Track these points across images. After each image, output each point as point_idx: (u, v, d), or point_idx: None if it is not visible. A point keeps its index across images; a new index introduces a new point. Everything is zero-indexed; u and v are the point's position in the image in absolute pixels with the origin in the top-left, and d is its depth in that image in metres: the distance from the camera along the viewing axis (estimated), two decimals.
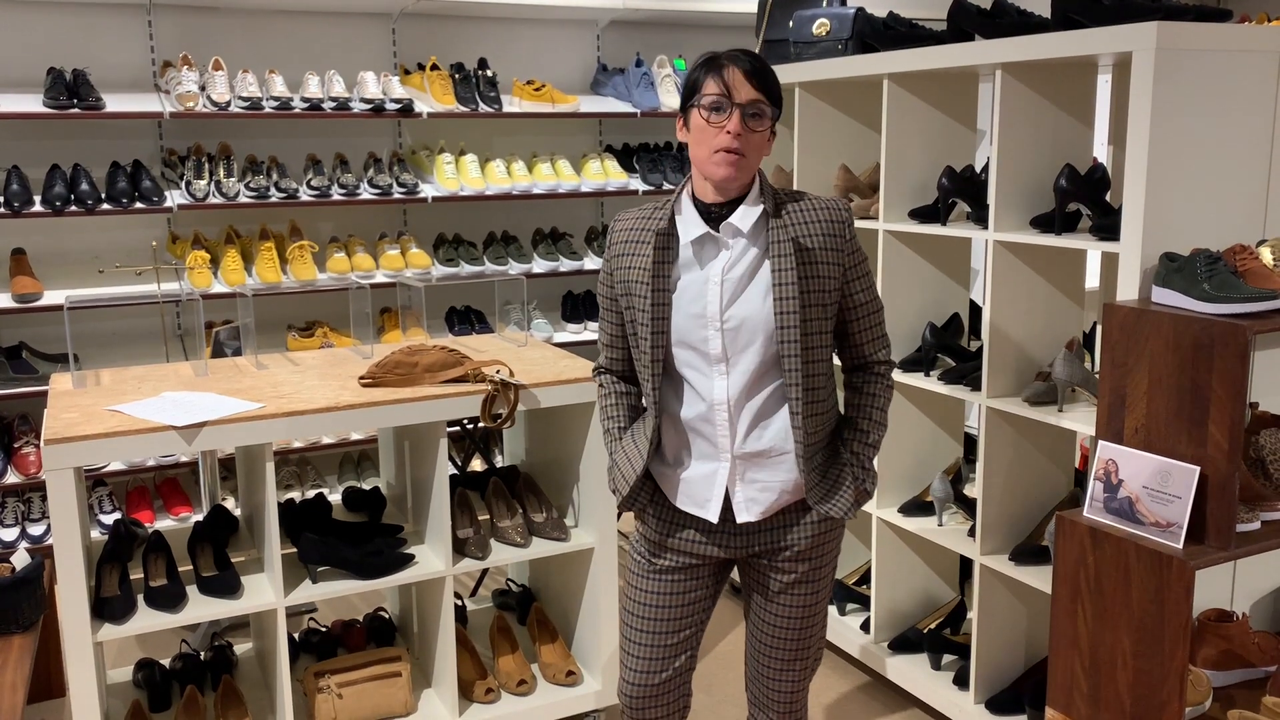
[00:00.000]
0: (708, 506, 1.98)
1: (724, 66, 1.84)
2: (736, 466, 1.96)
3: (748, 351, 1.91)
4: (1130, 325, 2.16)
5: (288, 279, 4.12)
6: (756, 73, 1.84)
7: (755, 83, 1.84)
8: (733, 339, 1.90)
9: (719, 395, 1.93)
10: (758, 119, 1.85)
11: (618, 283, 2.00)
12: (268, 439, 2.46)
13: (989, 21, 2.70)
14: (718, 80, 1.84)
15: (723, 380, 1.92)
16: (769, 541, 2.01)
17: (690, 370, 1.95)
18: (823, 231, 1.91)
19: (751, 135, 1.85)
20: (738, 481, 1.96)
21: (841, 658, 3.34)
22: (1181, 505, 2.04)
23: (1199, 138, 2.28)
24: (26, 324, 4.09)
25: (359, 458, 4.54)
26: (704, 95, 1.86)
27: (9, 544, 3.80)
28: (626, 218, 2.02)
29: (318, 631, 3.14)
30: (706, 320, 1.90)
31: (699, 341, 1.92)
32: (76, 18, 4.08)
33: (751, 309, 1.89)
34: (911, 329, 3.05)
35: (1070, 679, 2.24)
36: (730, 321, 1.90)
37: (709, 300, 1.90)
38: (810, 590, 2.05)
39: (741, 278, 1.90)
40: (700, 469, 1.98)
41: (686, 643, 2.10)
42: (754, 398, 1.93)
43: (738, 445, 1.94)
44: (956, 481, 3.02)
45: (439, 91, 4.33)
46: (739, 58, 1.85)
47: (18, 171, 3.84)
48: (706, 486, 1.98)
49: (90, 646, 2.36)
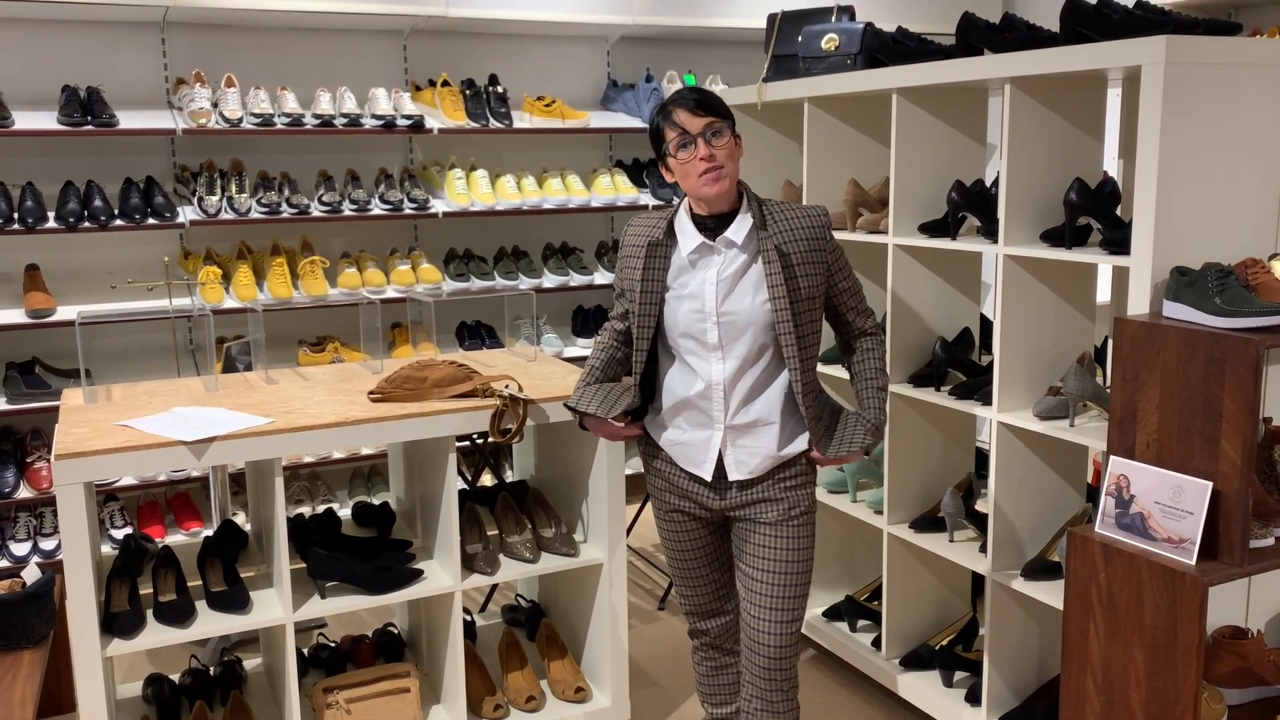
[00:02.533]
0: (702, 467, 2.31)
1: (673, 112, 2.16)
2: (728, 435, 2.27)
3: (740, 340, 2.22)
4: (1141, 340, 2.15)
5: (299, 294, 4.13)
6: (699, 104, 2.15)
7: (702, 112, 2.15)
8: (728, 330, 2.22)
9: (716, 376, 2.24)
10: (718, 135, 2.16)
11: (623, 279, 2.35)
12: (277, 454, 2.47)
13: (998, 36, 2.70)
14: (673, 125, 2.16)
15: (720, 364, 2.24)
16: (752, 495, 2.31)
17: (692, 356, 2.27)
18: (806, 236, 2.23)
19: (720, 149, 2.16)
20: (729, 446, 2.28)
21: (852, 674, 3.32)
22: (1194, 521, 2.03)
23: (1210, 151, 2.27)
24: (40, 339, 4.12)
25: (369, 473, 4.54)
26: (669, 141, 2.18)
27: (20, 558, 3.81)
28: (635, 225, 2.34)
29: (326, 647, 3.13)
30: (705, 315, 2.21)
31: (699, 333, 2.23)
32: (91, 36, 4.11)
33: (743, 305, 2.20)
34: (922, 344, 3.04)
35: (1083, 696, 2.22)
36: (725, 316, 2.21)
37: (706, 298, 2.21)
38: (787, 535, 2.29)
39: (734, 277, 2.21)
40: (697, 435, 2.30)
41: (713, 574, 2.47)
42: (744, 378, 2.25)
43: (730, 418, 2.26)
44: (967, 497, 3.00)
45: (450, 107, 4.35)
46: (682, 98, 2.16)
47: (32, 188, 3.87)
48: (702, 450, 2.30)
49: (100, 661, 2.36)
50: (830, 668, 3.37)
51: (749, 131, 3.62)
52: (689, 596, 2.51)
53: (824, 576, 3.47)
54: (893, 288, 2.97)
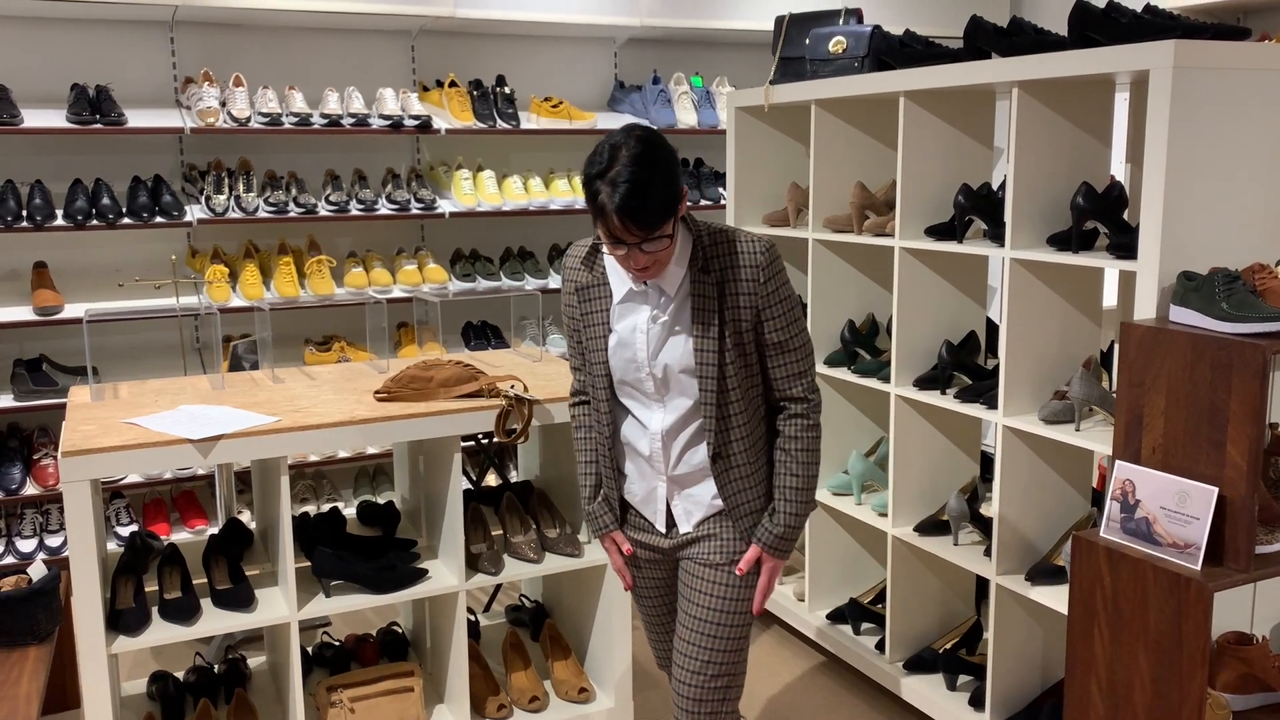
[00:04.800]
0: (656, 518, 2.19)
1: (606, 210, 1.87)
2: (671, 485, 2.15)
3: (679, 391, 2.07)
4: (1148, 344, 2.15)
5: (305, 293, 4.14)
6: (635, 221, 1.86)
7: (635, 225, 1.86)
8: (664, 382, 2.07)
9: (655, 426, 2.10)
10: (655, 241, 1.91)
11: (567, 309, 2.19)
12: (283, 453, 2.47)
13: (1006, 40, 2.70)
14: (606, 225, 1.90)
15: (660, 414, 2.10)
16: (700, 530, 2.17)
17: (631, 402, 2.14)
18: (743, 277, 2.02)
19: (656, 254, 1.93)
20: (675, 496, 2.16)
21: (856, 677, 3.32)
22: (1200, 526, 2.02)
23: (1217, 156, 2.27)
24: (47, 336, 4.13)
25: (374, 472, 4.55)
26: (599, 228, 1.92)
27: (27, 555, 3.82)
28: (571, 259, 2.16)
29: (331, 646, 3.14)
30: (640, 364, 2.07)
31: (636, 381, 2.10)
32: (100, 35, 4.12)
33: (677, 356, 2.04)
34: (928, 347, 3.04)
35: (1087, 701, 2.21)
36: (658, 368, 2.06)
37: (638, 348, 2.07)
38: (725, 588, 2.14)
39: (667, 326, 2.05)
40: (644, 485, 2.18)
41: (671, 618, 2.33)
42: (686, 429, 2.10)
43: (670, 468, 2.13)
44: (972, 500, 3.00)
45: (457, 108, 4.35)
46: (619, 204, 1.85)
47: (40, 186, 3.88)
48: (651, 500, 2.18)
49: (105, 658, 2.37)
50: (833, 671, 3.37)
51: (756, 134, 3.62)
52: (651, 640, 2.41)
53: (827, 579, 3.47)
54: (899, 290, 2.97)
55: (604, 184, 1.87)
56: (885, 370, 3.09)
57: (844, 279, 3.36)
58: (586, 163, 1.92)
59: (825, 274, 3.32)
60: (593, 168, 1.90)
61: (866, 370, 3.16)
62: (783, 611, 3.55)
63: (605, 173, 1.87)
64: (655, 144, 1.91)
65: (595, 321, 2.11)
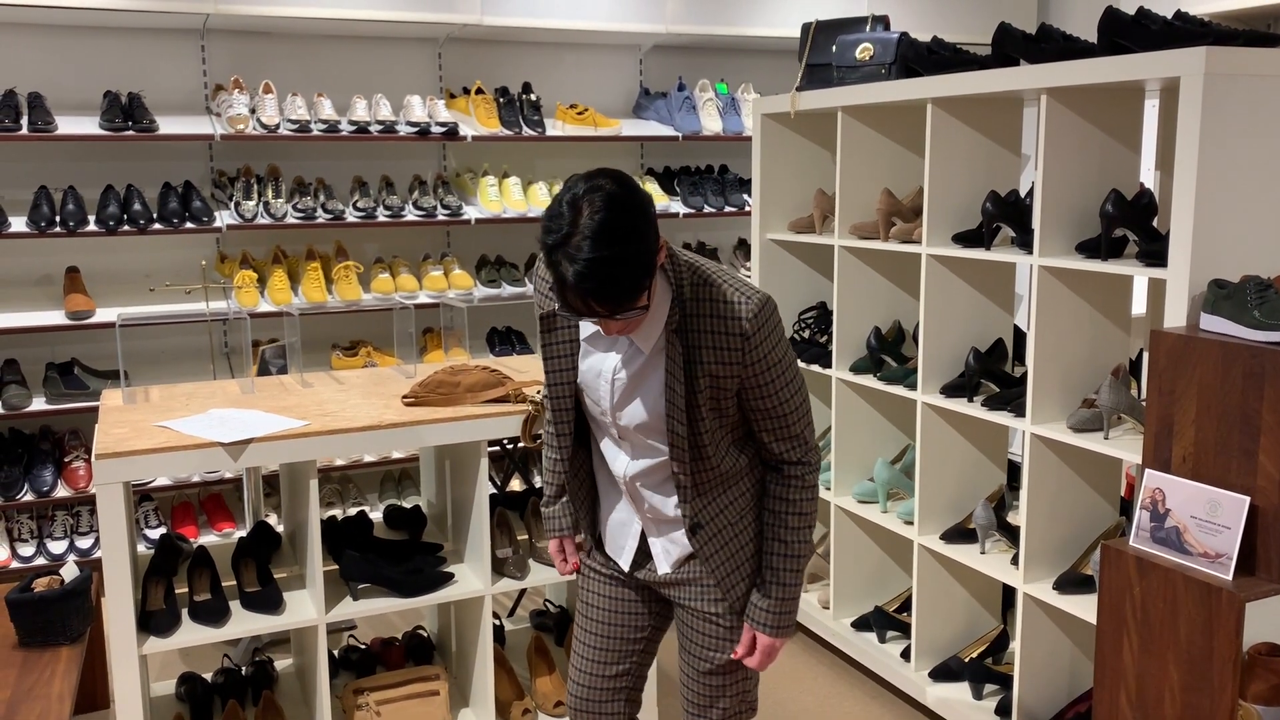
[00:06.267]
0: (621, 554, 2.02)
1: (569, 294, 1.62)
2: (649, 525, 1.97)
3: (648, 440, 1.86)
4: (1178, 352, 2.13)
5: (333, 299, 4.17)
6: (600, 299, 1.60)
7: (602, 306, 1.62)
8: (630, 432, 1.86)
9: (620, 470, 1.92)
10: (628, 312, 1.65)
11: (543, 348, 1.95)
12: (312, 456, 2.49)
13: (1034, 46, 2.69)
14: (568, 303, 1.64)
15: (626, 460, 1.91)
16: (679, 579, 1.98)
17: (603, 441, 1.95)
18: (725, 345, 1.76)
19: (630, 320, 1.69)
20: (653, 535, 1.97)
21: (881, 686, 3.30)
22: (1231, 536, 2.01)
23: (1248, 163, 2.25)
24: (79, 340, 4.18)
25: (400, 476, 4.57)
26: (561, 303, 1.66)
27: (58, 556, 3.86)
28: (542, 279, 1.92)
29: (357, 649, 3.15)
30: (604, 411, 1.87)
31: (603, 426, 1.91)
32: (132, 43, 4.18)
33: (643, 411, 1.81)
34: (955, 354, 3.03)
35: (1115, 712, 2.20)
36: (623, 420, 1.85)
37: (602, 396, 1.85)
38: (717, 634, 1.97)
39: (634, 378, 1.82)
40: (618, 517, 2.00)
41: (625, 652, 2.08)
42: (655, 475, 1.90)
43: (645, 510, 1.95)
44: (999, 508, 2.99)
45: (483, 115, 4.38)
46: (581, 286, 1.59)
47: (73, 191, 3.93)
48: (622, 535, 2.01)
49: (136, 659, 2.39)
50: (858, 679, 3.36)
51: (782, 140, 3.62)
52: (575, 668, 2.11)
53: (852, 587, 3.46)
54: (926, 298, 2.97)
55: (563, 257, 1.59)
56: (912, 378, 3.09)
57: (870, 286, 3.36)
58: (543, 224, 1.63)
59: (851, 281, 3.32)
60: (549, 235, 1.61)
61: (893, 378, 3.15)
62: (807, 619, 3.54)
63: (565, 243, 1.58)
64: (622, 205, 1.60)
65: (559, 354, 1.88)
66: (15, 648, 2.69)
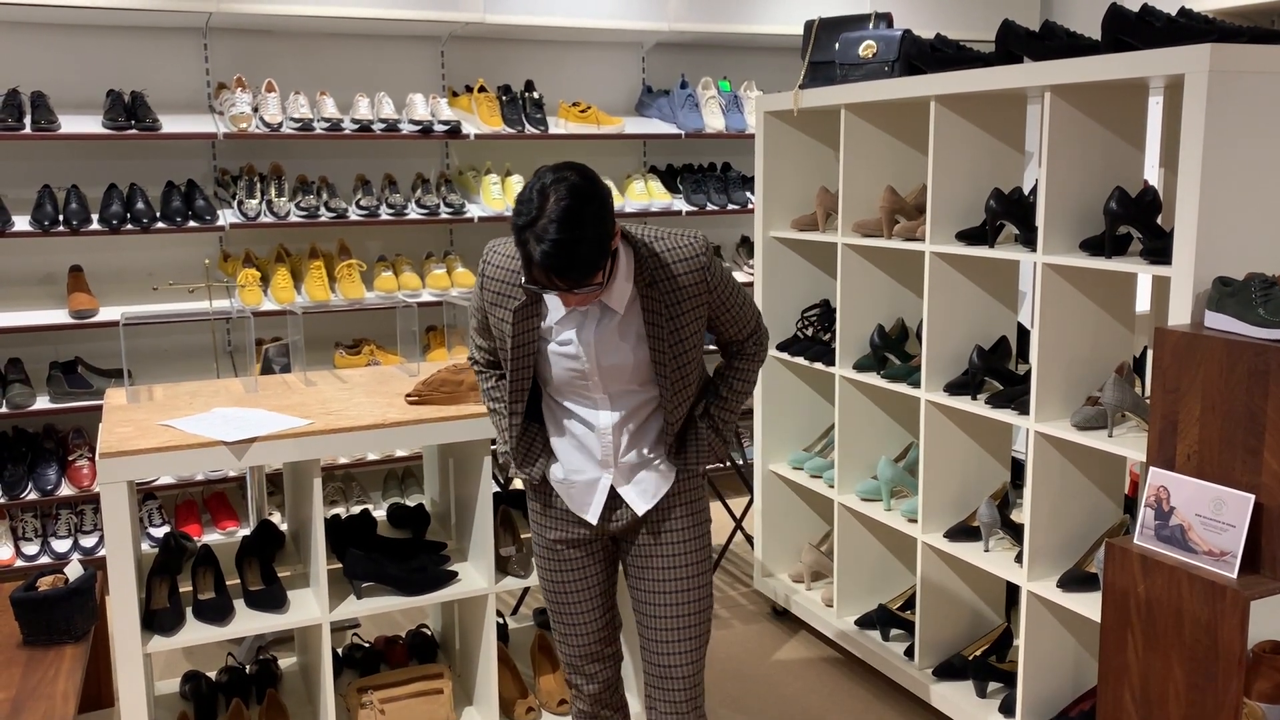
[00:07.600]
0: (587, 510, 2.17)
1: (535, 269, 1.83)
2: (620, 473, 2.14)
3: (625, 389, 2.09)
4: (1182, 350, 2.13)
5: (336, 297, 4.17)
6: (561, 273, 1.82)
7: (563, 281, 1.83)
8: (610, 383, 2.07)
9: (603, 423, 2.11)
10: (586, 288, 1.86)
11: (488, 308, 2.10)
12: (315, 455, 2.49)
13: (1038, 43, 2.69)
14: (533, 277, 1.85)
15: (606, 412, 2.10)
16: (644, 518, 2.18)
17: (574, 404, 2.12)
18: (689, 281, 2.02)
19: (587, 294, 1.89)
20: (625, 483, 2.15)
21: (885, 683, 3.30)
22: (1236, 534, 2.00)
23: (1253, 160, 2.25)
24: (83, 339, 4.18)
25: (403, 474, 4.58)
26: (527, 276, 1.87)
27: (62, 555, 3.87)
28: (499, 256, 2.08)
29: (361, 647, 3.16)
30: (586, 374, 2.06)
31: (580, 388, 2.09)
32: (135, 41, 4.18)
33: (623, 357, 2.05)
34: (958, 352, 3.03)
35: (1120, 710, 2.20)
36: (605, 370, 2.05)
37: (584, 358, 2.04)
38: (684, 541, 2.17)
39: (611, 334, 2.04)
40: (583, 478, 2.16)
41: (596, 613, 2.28)
42: (632, 420, 2.12)
43: (620, 458, 2.13)
44: (1003, 506, 2.99)
45: (486, 113, 4.38)
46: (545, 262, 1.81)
47: (76, 190, 3.94)
48: (588, 493, 2.16)
49: (140, 658, 2.39)
50: (862, 677, 3.36)
51: (785, 138, 3.62)
52: (569, 638, 2.29)
53: (856, 585, 3.46)
54: (929, 295, 2.96)
55: (531, 237, 1.81)
56: (915, 375, 3.08)
57: (873, 283, 3.35)
58: (515, 207, 1.85)
59: (855, 278, 3.32)
60: (519, 217, 1.83)
61: (896, 375, 3.15)
62: (811, 617, 3.54)
63: (533, 224, 1.81)
64: (584, 194, 1.82)
65: (526, 340, 2.05)
66: (20, 646, 2.70)
